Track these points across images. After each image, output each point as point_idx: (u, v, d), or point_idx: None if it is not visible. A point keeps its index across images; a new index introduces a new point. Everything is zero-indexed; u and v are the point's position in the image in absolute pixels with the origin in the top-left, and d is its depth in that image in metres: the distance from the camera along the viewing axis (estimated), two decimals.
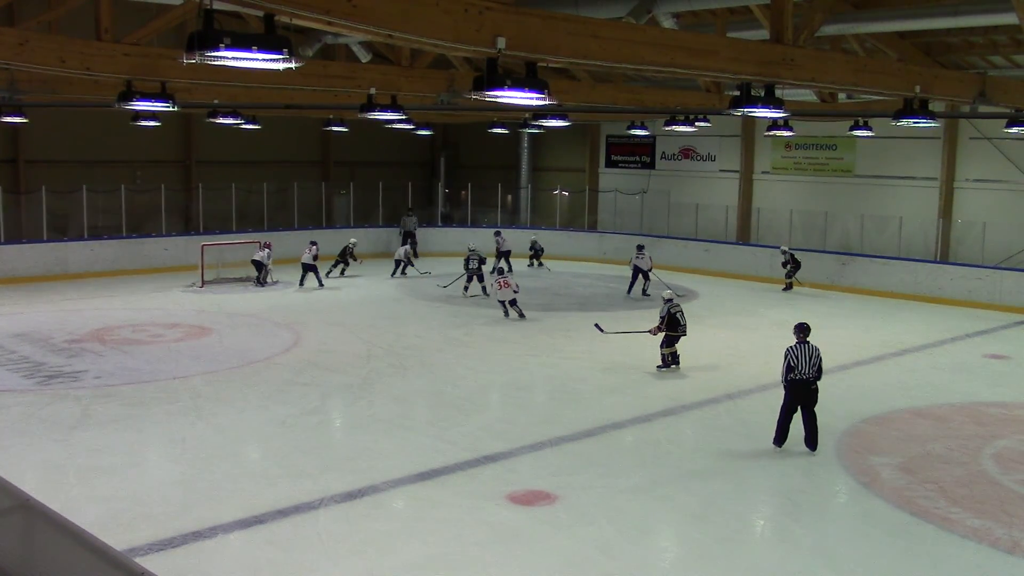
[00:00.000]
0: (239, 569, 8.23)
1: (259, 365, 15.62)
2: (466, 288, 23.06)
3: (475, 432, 12.35)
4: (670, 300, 15.97)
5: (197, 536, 8.80)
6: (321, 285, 23.76)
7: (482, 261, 23.08)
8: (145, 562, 3.57)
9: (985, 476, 11.07)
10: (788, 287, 24.88)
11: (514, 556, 8.60)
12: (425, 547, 8.77)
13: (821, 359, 11.40)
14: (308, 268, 23.62)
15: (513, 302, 19.91)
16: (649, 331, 16.10)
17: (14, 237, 24.87)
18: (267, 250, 23.99)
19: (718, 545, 9.05)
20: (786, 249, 25.11)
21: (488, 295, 22.43)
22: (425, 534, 9.05)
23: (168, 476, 10.61)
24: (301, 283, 23.74)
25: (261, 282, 23.76)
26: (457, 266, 24.50)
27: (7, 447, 11.17)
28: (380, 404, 13.70)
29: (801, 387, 11.34)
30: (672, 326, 15.72)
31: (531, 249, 28.52)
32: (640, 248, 24.04)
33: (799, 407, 11.51)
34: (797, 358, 11.32)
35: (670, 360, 15.85)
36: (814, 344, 11.46)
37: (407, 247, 26.96)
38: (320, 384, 14.58)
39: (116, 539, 6.38)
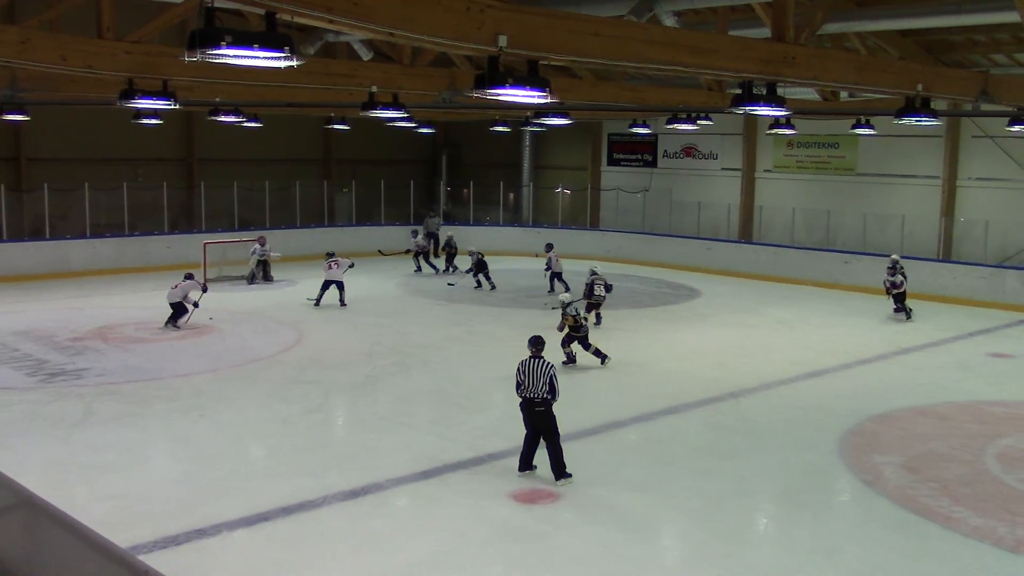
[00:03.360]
0: (242, 567, 8.24)
1: (262, 363, 15.62)
2: (478, 284, 23.84)
3: (478, 430, 12.35)
4: (569, 303, 15.72)
5: (200, 534, 8.81)
6: (344, 304, 20.99)
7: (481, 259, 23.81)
8: (149, 560, 3.56)
9: (988, 475, 11.06)
10: (901, 309, 20.74)
11: (517, 554, 8.60)
12: (428, 545, 8.77)
13: (554, 377, 10.22)
14: (333, 284, 20.95)
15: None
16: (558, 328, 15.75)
17: (16, 235, 24.88)
18: (267, 244, 24.12)
19: (721, 544, 9.05)
20: (897, 259, 21.32)
21: (495, 288, 23.46)
22: (428, 532, 9.06)
23: (171, 474, 10.62)
24: (317, 303, 20.91)
25: (269, 278, 24.00)
26: (462, 263, 25.13)
27: (10, 445, 11.17)
28: (383, 402, 13.70)
29: (527, 407, 10.24)
30: (575, 326, 15.62)
31: (447, 247, 27.19)
32: (549, 247, 23.79)
33: (533, 429, 10.35)
34: (524, 373, 10.25)
35: (574, 356, 15.78)
36: (548, 360, 10.42)
37: (418, 239, 27.13)
38: (323, 382, 14.58)
39: (120, 536, 6.36)
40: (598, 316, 19.11)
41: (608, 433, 12.46)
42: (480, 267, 23.93)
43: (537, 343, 10.53)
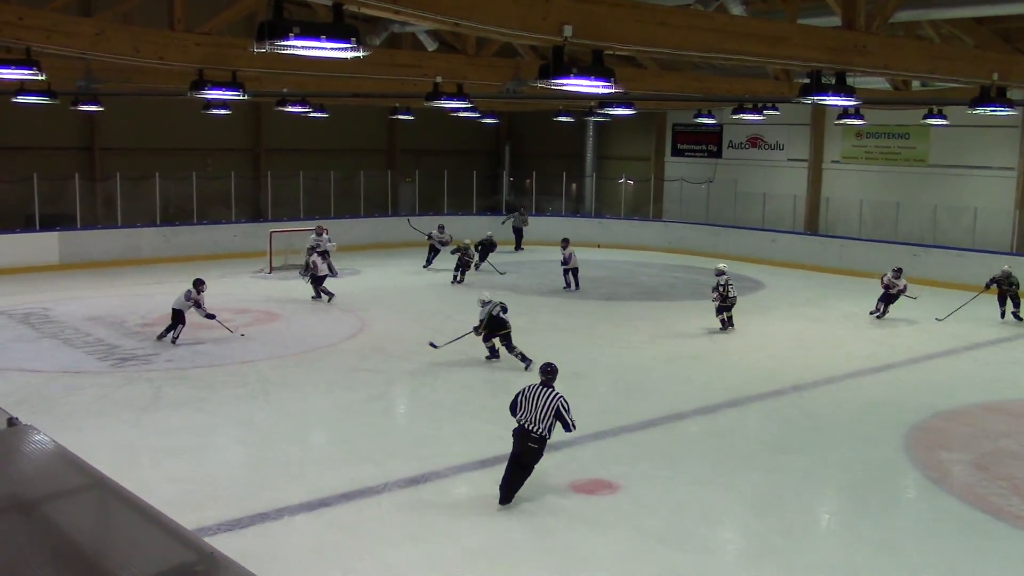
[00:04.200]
0: (304, 550, 8.37)
1: (325, 351, 15.82)
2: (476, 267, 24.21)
3: None
4: (488, 302, 15.09)
5: (264, 517, 8.97)
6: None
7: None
8: (214, 542, 3.63)
9: None
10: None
11: (575, 545, 8.61)
12: (487, 534, 8.82)
13: (564, 410, 9.06)
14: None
15: None
16: (472, 331, 15.19)
17: (89, 223, 25.50)
18: (323, 235, 23.90)
19: (781, 538, 8.96)
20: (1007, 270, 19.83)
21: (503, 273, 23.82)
22: (487, 521, 9.10)
23: (236, 458, 10.83)
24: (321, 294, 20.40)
25: (332, 271, 23.71)
26: (535, 255, 25.66)
27: (83, 428, 11.48)
28: (443, 391, 13.79)
29: (521, 436, 9.14)
30: (494, 327, 15.02)
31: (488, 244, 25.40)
32: (565, 242, 22.80)
33: (515, 456, 9.26)
34: (524, 399, 9.15)
35: (497, 351, 15.17)
36: (557, 391, 9.18)
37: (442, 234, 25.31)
38: (384, 370, 14.72)
39: (186, 518, 6.50)
40: (730, 320, 18.02)
41: (669, 425, 12.39)
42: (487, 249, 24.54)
43: (548, 371, 9.40)
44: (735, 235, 29.08)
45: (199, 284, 16.24)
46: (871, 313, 19.71)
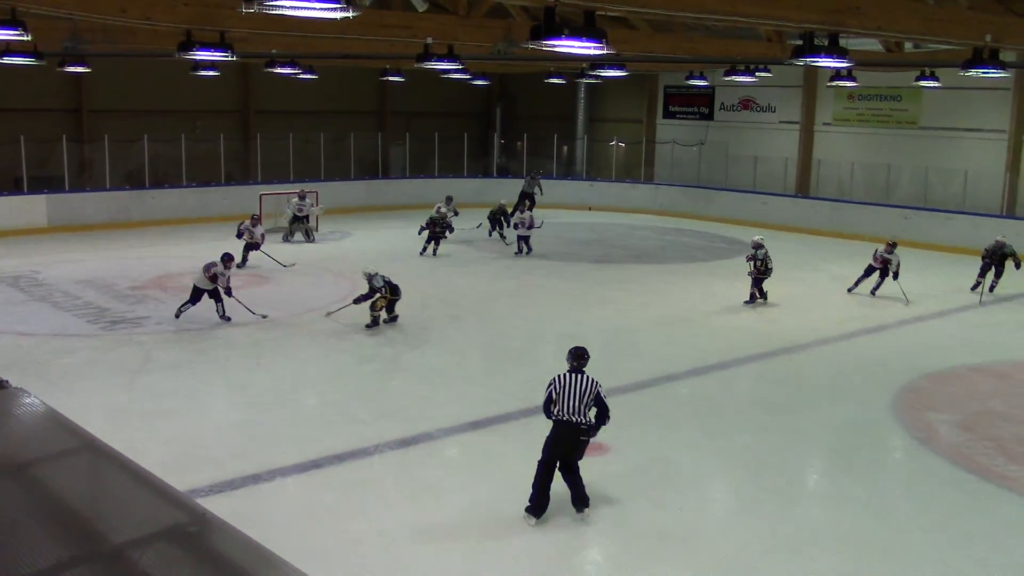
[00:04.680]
0: (297, 512, 8.42)
1: (316, 314, 15.81)
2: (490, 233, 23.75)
3: (529, 382, 12.37)
4: (375, 274, 14.73)
5: (256, 479, 9.01)
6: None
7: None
8: (206, 503, 3.65)
9: None
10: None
11: (566, 505, 8.67)
12: (478, 494, 8.88)
13: (602, 399, 8.29)
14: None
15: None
16: (355, 302, 14.83)
17: (77, 186, 25.35)
18: (306, 199, 23.72)
19: (770, 498, 9.04)
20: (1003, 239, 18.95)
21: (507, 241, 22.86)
22: (478, 482, 9.17)
23: (228, 420, 10.86)
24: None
25: (309, 236, 23.46)
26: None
27: (74, 390, 11.48)
28: (434, 354, 13.83)
29: (567, 431, 8.24)
30: (395, 292, 14.83)
31: (501, 213, 24.03)
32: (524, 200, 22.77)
33: (560, 458, 8.36)
34: (560, 389, 8.23)
35: (382, 321, 14.87)
36: (592, 377, 8.34)
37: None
38: (376, 333, 14.74)
39: (178, 480, 6.54)
40: (763, 293, 17.33)
41: (660, 387, 12.46)
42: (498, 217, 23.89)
43: (580, 356, 8.49)
44: (726, 198, 29.06)
45: (227, 260, 15.02)
46: (849, 291, 18.45)
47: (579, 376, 8.29)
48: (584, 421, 8.20)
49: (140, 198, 25.57)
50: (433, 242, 21.57)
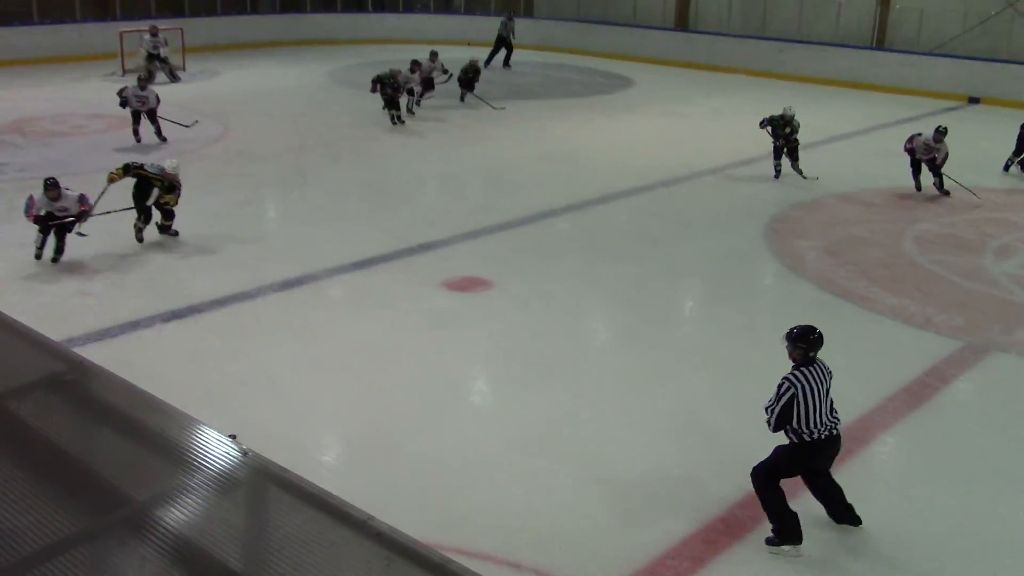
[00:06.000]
0: (178, 355, 8.33)
1: (187, 156, 15.21)
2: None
3: (411, 221, 12.37)
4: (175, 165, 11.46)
5: (135, 326, 8.84)
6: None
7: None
8: (83, 352, 3.58)
9: (905, 257, 11.49)
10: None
11: (450, 341, 8.82)
12: (363, 333, 8.93)
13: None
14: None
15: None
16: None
17: None
18: (159, 35, 22.26)
19: (647, 326, 9.37)
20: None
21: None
22: (363, 321, 9.21)
23: (100, 267, 10.51)
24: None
25: (173, 76, 22.24)
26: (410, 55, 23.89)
27: None
28: (314, 195, 13.59)
29: (825, 448, 5.90)
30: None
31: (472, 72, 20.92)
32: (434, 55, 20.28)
33: (814, 471, 6.08)
34: (807, 395, 5.78)
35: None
36: (824, 363, 6.05)
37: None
38: (251, 175, 14.36)
39: (53, 330, 6.37)
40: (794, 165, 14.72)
41: (540, 222, 12.57)
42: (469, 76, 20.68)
43: (811, 340, 6.10)
44: (605, 31, 28.75)
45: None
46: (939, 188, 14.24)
47: (817, 368, 5.96)
48: (838, 421, 5.96)
49: None
50: (390, 106, 17.75)
